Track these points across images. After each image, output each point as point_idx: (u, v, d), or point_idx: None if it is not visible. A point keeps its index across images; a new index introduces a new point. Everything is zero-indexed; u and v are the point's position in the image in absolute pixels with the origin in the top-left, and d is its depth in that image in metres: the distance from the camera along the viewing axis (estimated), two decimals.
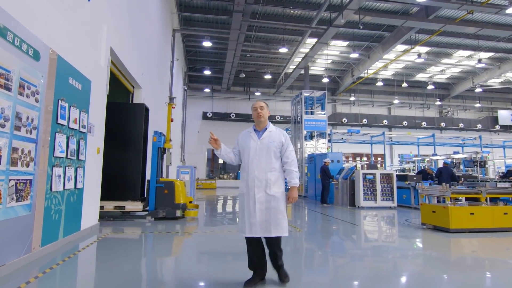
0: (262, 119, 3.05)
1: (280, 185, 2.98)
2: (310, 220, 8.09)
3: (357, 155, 28.83)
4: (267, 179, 2.92)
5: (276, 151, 2.99)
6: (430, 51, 21.24)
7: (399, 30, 16.59)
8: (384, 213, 9.09)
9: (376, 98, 29.33)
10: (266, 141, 2.99)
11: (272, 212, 2.89)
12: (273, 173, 2.96)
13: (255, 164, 2.95)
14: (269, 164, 2.96)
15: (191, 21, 17.53)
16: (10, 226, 3.16)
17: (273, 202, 2.90)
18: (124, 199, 6.97)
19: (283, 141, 3.02)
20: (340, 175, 11.60)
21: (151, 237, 5.33)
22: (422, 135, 23.55)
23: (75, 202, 4.72)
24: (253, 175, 2.93)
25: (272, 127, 3.11)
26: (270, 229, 2.86)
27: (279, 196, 2.94)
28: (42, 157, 3.73)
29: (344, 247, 5.07)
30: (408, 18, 14.91)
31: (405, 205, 10.76)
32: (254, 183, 2.92)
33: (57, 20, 4.15)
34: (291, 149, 3.05)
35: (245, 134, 3.14)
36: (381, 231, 6.65)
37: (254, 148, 2.99)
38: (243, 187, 3.00)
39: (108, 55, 6.03)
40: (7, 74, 3.05)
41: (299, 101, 16.68)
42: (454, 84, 27.59)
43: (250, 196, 2.92)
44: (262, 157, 2.96)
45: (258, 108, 3.07)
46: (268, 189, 2.92)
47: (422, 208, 6.62)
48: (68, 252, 4.01)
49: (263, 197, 2.90)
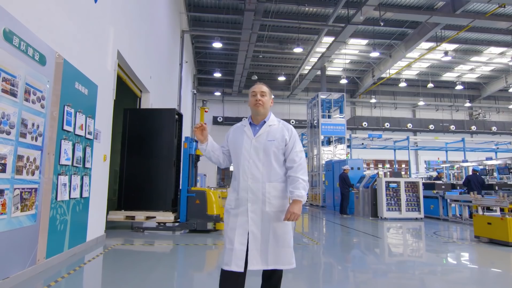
0: (261, 108, 2.37)
1: (283, 200, 2.33)
2: (328, 232, 8.00)
3: (379, 162, 28.45)
4: (265, 191, 2.28)
5: (278, 152, 2.33)
6: (458, 48, 20.89)
7: (424, 26, 16.40)
8: (410, 225, 8.91)
9: (399, 100, 28.97)
10: (263, 139, 2.34)
11: (271, 237, 2.25)
12: (274, 183, 2.31)
13: (248, 169, 2.30)
14: (268, 170, 2.31)
15: (200, 21, 17.80)
16: (15, 237, 3.24)
17: (274, 224, 2.27)
18: (156, 209, 7.06)
19: (287, 139, 2.35)
20: (360, 183, 11.47)
21: (162, 252, 5.37)
22: (450, 140, 23.07)
23: (81, 212, 4.81)
24: (246, 185, 2.29)
25: (274, 120, 2.44)
26: (267, 259, 2.23)
27: (282, 215, 2.29)
28: (48, 165, 3.83)
29: (366, 261, 4.99)
30: (433, 13, 14.74)
31: (433, 216, 10.53)
32: (247, 196, 2.28)
33: (63, 23, 4.28)
34: (298, 150, 2.36)
35: (237, 128, 2.50)
36: (407, 244, 6.51)
37: (248, 148, 2.33)
38: (231, 200, 2.36)
39: (115, 59, 6.17)
40: (12, 80, 3.16)
41: (316, 104, 16.64)
42: (486, 83, 27.00)
43: (240, 214, 2.28)
44: (258, 160, 2.30)
45: (258, 93, 2.38)
46: (266, 205, 2.27)
47: (475, 220, 6.56)
48: (74, 265, 4.08)
49: (258, 216, 2.26)
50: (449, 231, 7.96)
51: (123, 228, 7.17)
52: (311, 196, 16.96)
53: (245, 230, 2.24)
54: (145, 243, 5.75)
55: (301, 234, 7.25)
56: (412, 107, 29.74)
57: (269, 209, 2.27)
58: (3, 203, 3.04)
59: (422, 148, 25.82)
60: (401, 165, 27.62)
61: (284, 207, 2.31)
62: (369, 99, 28.30)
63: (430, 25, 15.93)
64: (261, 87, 2.42)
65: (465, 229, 8.19)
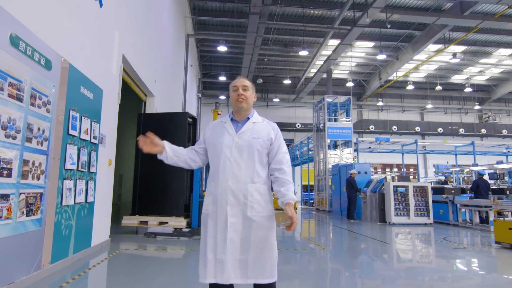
0: (244, 104, 2.21)
1: (267, 204, 2.14)
2: (335, 237, 7.95)
3: (387, 166, 28.27)
4: (247, 194, 2.09)
5: (262, 151, 2.17)
6: (466, 50, 20.78)
7: (431, 28, 16.34)
8: (419, 230, 8.83)
9: (406, 102, 28.83)
10: (247, 136, 2.16)
11: (253, 246, 2.05)
12: (257, 185, 2.13)
13: (229, 170, 2.10)
14: (251, 170, 2.12)
15: (205, 25, 17.93)
16: (20, 242, 3.27)
17: (256, 231, 2.07)
18: (169, 214, 7.07)
19: (272, 138, 2.20)
20: (368, 187, 11.40)
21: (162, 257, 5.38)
22: (460, 143, 22.84)
23: (86, 216, 4.83)
24: (225, 186, 2.09)
25: (258, 117, 2.30)
26: (247, 273, 2.04)
27: (265, 221, 2.11)
28: (53, 169, 3.86)
29: (375, 268, 4.94)
30: (440, 15, 14.69)
31: (443, 221, 10.42)
32: (227, 200, 2.08)
33: (69, 27, 4.34)
34: (284, 151, 2.23)
35: (216, 125, 2.31)
36: (416, 250, 6.44)
37: (229, 146, 2.14)
38: (208, 204, 2.16)
39: (120, 63, 6.23)
40: (19, 85, 3.20)
41: (322, 107, 16.61)
42: (495, 86, 26.77)
43: (219, 219, 2.08)
44: (241, 160, 2.12)
45: (239, 88, 2.22)
46: (248, 209, 2.07)
47: (496, 225, 6.54)
48: (79, 270, 4.10)
49: (239, 222, 2.07)
50: (459, 236, 7.87)
51: (130, 233, 7.19)
52: (317, 201, 16.89)
53: (224, 237, 2.05)
54: (159, 248, 5.76)
55: (307, 240, 7.22)
56: (420, 110, 29.56)
57: (251, 213, 2.07)
58: (9, 207, 3.07)
59: (430, 152, 25.59)
60: (409, 169, 27.41)
61: (268, 212, 2.13)
62: (376, 102, 28.19)
63: (438, 27, 15.86)
64: (243, 81, 2.26)
65: (476, 234, 8.09)
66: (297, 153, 22.56)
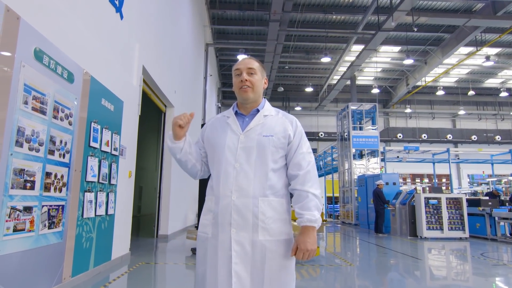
0: (250, 92, 1.73)
1: (285, 225, 1.67)
2: (362, 252, 7.76)
3: (417, 176, 27.52)
4: (258, 211, 1.60)
5: (276, 153, 1.67)
6: (500, 52, 20.13)
7: (461, 30, 15.96)
8: (453, 245, 8.49)
9: (437, 109, 28.12)
10: (256, 134, 1.68)
11: (267, 283, 1.56)
12: (271, 199, 1.64)
13: (232, 180, 1.63)
14: (263, 180, 1.64)
15: (224, 34, 18.22)
16: (42, 254, 3.37)
17: (271, 262, 1.58)
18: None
19: (290, 135, 1.70)
20: (397, 199, 11.12)
21: None
22: (496, 152, 21.97)
23: (106, 229, 4.94)
24: (228, 202, 1.62)
25: (270, 108, 1.81)
26: None
27: (283, 248, 1.62)
28: (74, 181, 3.98)
29: (406, 285, 4.78)
30: (471, 16, 14.34)
31: (479, 235, 9.99)
32: (230, 220, 1.60)
33: (90, 40, 4.51)
34: (304, 151, 1.70)
35: (217, 121, 1.86)
36: (450, 266, 6.19)
37: (233, 148, 1.68)
38: (206, 225, 1.69)
39: (140, 74, 6.41)
40: (42, 98, 3.34)
41: (346, 115, 16.45)
42: None
43: (220, 245, 1.60)
44: (248, 166, 1.64)
45: (243, 71, 1.75)
46: (260, 232, 1.59)
47: None
48: (99, 284, 4.17)
49: (247, 249, 1.58)
50: (498, 252, 7.51)
51: (149, 245, 7.28)
52: (342, 213, 16.59)
53: (229, 271, 1.55)
54: (178, 262, 5.80)
55: (333, 255, 7.08)
56: (451, 116, 28.73)
57: (264, 237, 1.58)
58: (32, 220, 3.18)
59: (464, 161, 24.72)
60: (441, 180, 26.56)
61: (286, 235, 1.64)
62: (404, 109, 27.63)
63: (468, 29, 15.47)
64: (248, 62, 1.77)
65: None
66: (320, 163, 22.34)
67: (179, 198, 9.90)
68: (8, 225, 2.88)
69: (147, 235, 9.23)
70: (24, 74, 3.07)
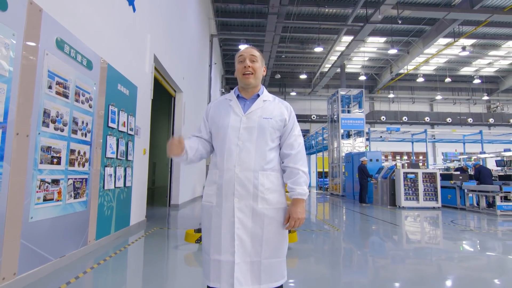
0: (252, 79, 1.73)
1: (280, 195, 1.70)
2: (348, 219, 7.88)
3: (397, 154, 27.59)
4: (258, 183, 1.64)
5: (274, 134, 1.71)
6: (475, 43, 19.79)
7: (441, 23, 15.63)
8: (427, 214, 8.61)
9: (417, 94, 27.92)
10: (257, 116, 1.70)
11: (266, 245, 1.61)
12: (268, 172, 1.67)
13: (235, 156, 1.65)
14: (262, 156, 1.66)
15: (227, 25, 17.84)
16: (69, 220, 3.42)
17: (269, 227, 1.63)
18: None
19: (286, 118, 1.74)
20: (379, 174, 11.19)
21: None
22: (468, 132, 21.98)
23: (125, 199, 4.99)
24: (231, 175, 1.64)
25: (268, 95, 1.81)
26: (260, 277, 1.59)
27: (279, 216, 1.67)
28: (96, 158, 3.99)
29: (385, 248, 4.88)
30: (451, 9, 14.02)
31: (450, 205, 10.13)
32: (233, 190, 1.62)
33: (107, 31, 4.42)
34: (296, 133, 1.75)
35: (220, 103, 1.82)
36: (424, 232, 6.30)
37: (236, 128, 1.68)
38: (211, 195, 1.70)
39: (152, 62, 6.31)
40: (65, 83, 3.30)
41: (336, 100, 16.32)
42: (504, 77, 25.47)
43: (224, 212, 1.63)
44: (250, 143, 1.66)
45: (246, 58, 1.73)
46: (258, 201, 1.63)
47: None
48: (120, 246, 4.25)
49: (248, 216, 1.62)
50: (466, 219, 7.63)
51: (163, 214, 7.37)
52: (331, 186, 16.75)
53: (232, 235, 1.59)
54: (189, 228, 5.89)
55: (322, 221, 7.19)
56: (429, 101, 28.55)
57: (263, 206, 1.62)
58: (59, 191, 3.21)
59: (439, 141, 24.78)
60: (419, 157, 26.65)
61: (281, 204, 1.68)
62: (387, 94, 27.44)
63: (447, 22, 15.15)
64: (250, 50, 1.76)
65: (483, 218, 7.82)
66: (312, 142, 22.37)
67: (188, 172, 9.96)
68: (39, 195, 2.91)
69: (161, 204, 9.35)
70: (48, 62, 3.02)
